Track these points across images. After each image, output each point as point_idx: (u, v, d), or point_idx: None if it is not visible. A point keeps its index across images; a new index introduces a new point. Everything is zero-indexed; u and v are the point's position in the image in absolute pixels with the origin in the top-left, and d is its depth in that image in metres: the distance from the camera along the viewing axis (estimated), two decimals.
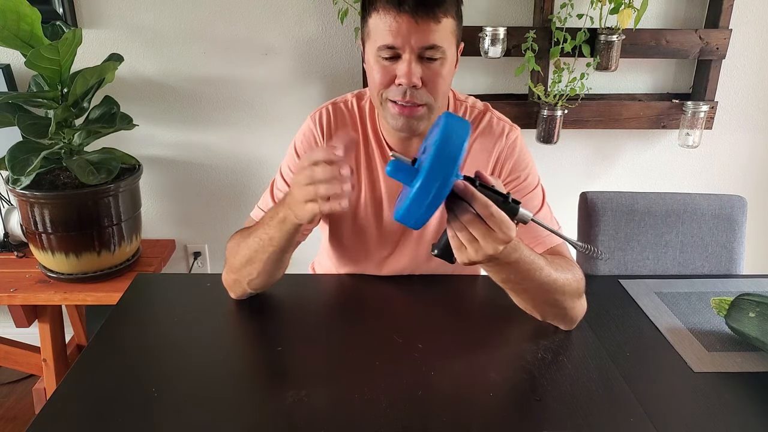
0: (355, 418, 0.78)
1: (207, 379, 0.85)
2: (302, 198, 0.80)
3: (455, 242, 0.76)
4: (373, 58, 0.93)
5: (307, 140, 1.09)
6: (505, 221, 0.73)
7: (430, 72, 0.91)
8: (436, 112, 0.97)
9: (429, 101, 0.94)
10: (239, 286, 1.02)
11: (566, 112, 1.82)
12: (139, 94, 1.86)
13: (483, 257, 0.75)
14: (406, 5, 0.86)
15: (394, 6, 0.87)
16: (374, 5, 0.90)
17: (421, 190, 0.68)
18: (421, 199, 0.69)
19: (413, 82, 0.90)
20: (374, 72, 0.94)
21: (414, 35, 0.88)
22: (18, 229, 1.75)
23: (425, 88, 0.92)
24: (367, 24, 0.94)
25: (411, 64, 0.90)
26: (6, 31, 1.35)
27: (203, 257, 2.08)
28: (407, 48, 0.89)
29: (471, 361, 0.91)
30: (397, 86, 0.93)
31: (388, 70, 0.92)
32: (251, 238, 0.94)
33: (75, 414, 0.78)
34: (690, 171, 2.04)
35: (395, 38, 0.88)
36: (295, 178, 0.81)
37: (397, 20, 0.88)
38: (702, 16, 1.85)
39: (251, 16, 1.78)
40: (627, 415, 0.80)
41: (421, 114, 0.95)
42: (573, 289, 0.92)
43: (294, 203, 0.83)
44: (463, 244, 0.75)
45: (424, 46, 0.89)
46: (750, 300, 0.98)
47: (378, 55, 0.92)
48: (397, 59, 0.91)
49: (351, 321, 1.01)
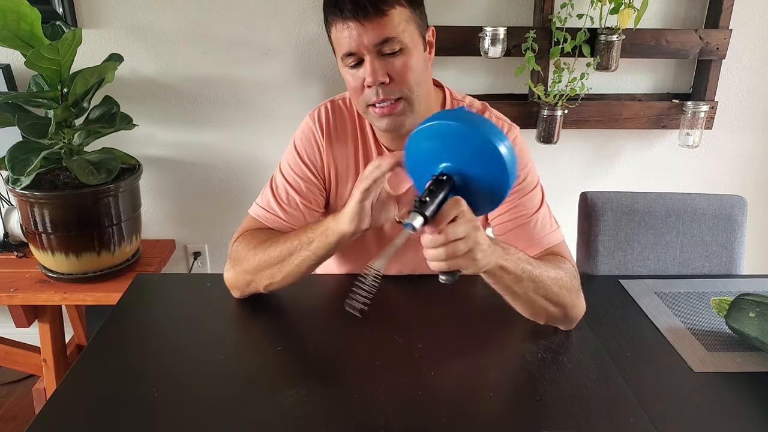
0: (355, 418, 0.78)
1: (207, 379, 0.85)
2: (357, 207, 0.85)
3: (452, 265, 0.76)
4: (343, 69, 0.96)
5: (307, 138, 1.09)
6: (450, 204, 0.73)
7: (394, 66, 0.92)
8: (417, 104, 0.96)
9: (404, 94, 0.94)
10: (253, 287, 1.01)
11: (566, 112, 1.82)
12: (139, 94, 1.86)
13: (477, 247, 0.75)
14: (346, 10, 0.89)
15: (338, 15, 0.90)
16: (327, 20, 0.94)
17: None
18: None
19: (378, 80, 0.92)
20: (348, 81, 0.97)
21: (363, 35, 0.89)
22: (18, 229, 1.75)
23: (394, 82, 0.93)
24: (331, 39, 0.96)
25: (372, 63, 0.91)
26: (6, 31, 1.35)
27: (203, 257, 2.08)
28: (363, 49, 0.91)
29: (471, 361, 0.91)
30: (368, 88, 0.94)
31: (357, 77, 0.94)
32: (288, 241, 0.96)
33: (75, 414, 0.78)
34: (690, 171, 2.04)
35: (350, 44, 0.91)
36: (356, 192, 0.85)
37: (347, 26, 0.90)
38: (702, 16, 1.85)
39: (251, 16, 1.78)
40: (627, 415, 0.80)
41: (401, 109, 0.95)
42: (568, 285, 0.92)
43: (350, 209, 0.86)
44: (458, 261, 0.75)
45: (377, 43, 0.90)
46: (750, 300, 0.98)
47: (345, 65, 0.95)
48: (362, 63, 0.93)
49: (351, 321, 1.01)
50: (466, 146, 0.72)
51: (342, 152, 1.09)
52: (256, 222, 1.08)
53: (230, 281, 1.03)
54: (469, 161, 0.73)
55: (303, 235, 0.95)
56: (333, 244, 0.92)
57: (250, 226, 1.07)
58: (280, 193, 1.07)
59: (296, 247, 0.94)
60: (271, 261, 0.96)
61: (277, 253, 0.96)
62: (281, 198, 1.07)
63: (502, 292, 0.90)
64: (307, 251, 0.94)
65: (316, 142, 1.08)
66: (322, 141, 1.08)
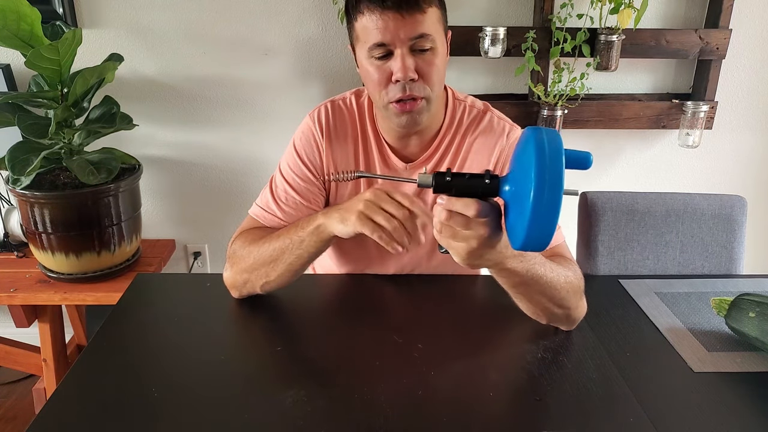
0: (355, 418, 0.78)
1: (207, 379, 0.85)
2: (359, 209, 0.84)
3: (443, 242, 0.76)
4: (367, 60, 0.94)
5: (306, 138, 1.09)
6: (466, 202, 0.71)
7: (423, 63, 0.92)
8: (434, 104, 0.98)
9: (427, 93, 0.95)
10: (249, 287, 1.01)
11: (566, 112, 1.82)
12: (139, 94, 1.86)
13: (468, 251, 0.73)
14: (389, 1, 0.88)
15: (377, 4, 0.88)
16: (358, 8, 0.92)
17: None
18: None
19: (409, 76, 0.91)
20: (370, 74, 0.95)
21: (402, 29, 0.89)
22: (18, 229, 1.75)
23: (421, 80, 0.93)
24: (354, 28, 0.95)
25: (404, 58, 0.91)
26: (6, 31, 1.35)
27: (203, 257, 2.08)
28: (398, 42, 0.90)
29: (471, 361, 0.90)
30: (394, 83, 0.93)
31: (383, 69, 0.93)
32: (279, 239, 0.95)
33: (75, 414, 0.78)
34: (690, 171, 2.04)
35: (384, 35, 0.89)
36: (367, 194, 0.84)
37: (383, 17, 0.89)
38: (702, 16, 1.85)
39: (251, 16, 1.78)
40: (627, 415, 0.80)
41: (421, 107, 0.96)
42: (575, 287, 0.92)
43: (347, 210, 0.86)
44: (451, 244, 0.75)
45: (413, 37, 0.90)
46: (750, 300, 0.98)
47: (371, 56, 0.93)
48: (389, 56, 0.92)
49: (351, 321, 1.01)
50: (527, 183, 0.65)
51: (342, 152, 1.09)
52: (255, 222, 1.08)
53: (228, 281, 1.03)
54: (518, 192, 0.68)
55: (294, 234, 0.94)
56: (326, 242, 0.92)
57: (249, 226, 1.07)
58: (279, 194, 1.07)
59: (288, 245, 0.94)
60: (265, 259, 0.96)
61: (270, 251, 0.96)
62: (280, 198, 1.07)
63: (508, 290, 0.90)
64: (299, 249, 0.94)
65: (316, 143, 1.08)
66: (321, 141, 1.08)
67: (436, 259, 1.15)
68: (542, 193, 0.63)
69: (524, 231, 0.65)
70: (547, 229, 0.64)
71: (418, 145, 1.07)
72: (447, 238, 0.74)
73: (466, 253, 0.74)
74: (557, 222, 0.64)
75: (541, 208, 0.63)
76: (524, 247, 0.67)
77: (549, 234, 0.65)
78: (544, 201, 0.63)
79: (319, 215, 0.92)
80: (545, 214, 0.63)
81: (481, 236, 0.72)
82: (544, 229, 0.64)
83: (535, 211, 0.63)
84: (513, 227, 0.69)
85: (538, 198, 0.63)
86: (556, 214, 0.63)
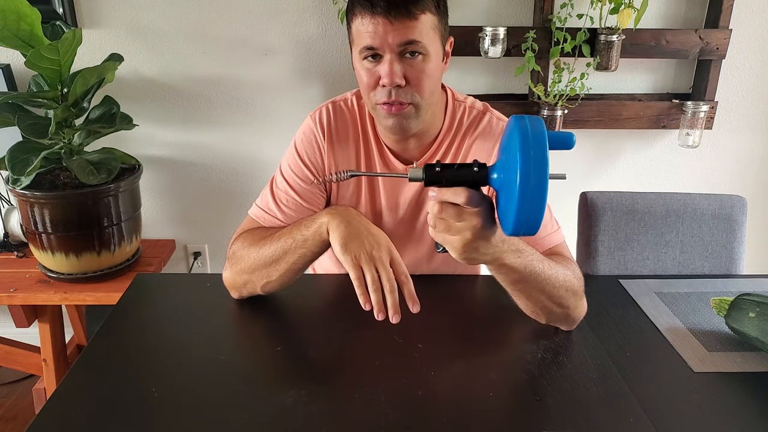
0: (355, 418, 0.78)
1: (207, 379, 0.85)
2: (360, 251, 0.84)
3: (438, 237, 0.76)
4: (359, 62, 0.96)
5: (308, 139, 1.09)
6: (455, 190, 0.72)
7: (412, 69, 0.92)
8: (424, 111, 0.97)
9: (415, 100, 0.94)
10: (250, 287, 1.01)
11: (566, 112, 1.82)
12: (139, 94, 1.86)
13: (464, 243, 0.74)
14: (379, 6, 0.88)
15: (368, 9, 0.89)
16: (353, 10, 0.93)
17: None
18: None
19: (395, 82, 0.91)
20: (361, 75, 0.96)
21: (390, 34, 0.89)
22: (18, 229, 1.75)
23: (409, 86, 0.93)
24: (351, 29, 0.96)
25: (392, 64, 0.91)
26: (6, 31, 1.35)
27: (203, 257, 2.08)
28: (386, 47, 0.90)
29: (471, 361, 0.90)
30: (381, 87, 0.93)
31: (373, 72, 0.94)
32: (281, 239, 0.94)
33: (75, 414, 0.78)
34: (690, 171, 2.05)
35: (374, 39, 0.90)
36: (378, 240, 0.85)
37: (373, 22, 0.89)
38: (702, 16, 1.85)
39: (251, 16, 1.78)
40: (627, 415, 0.80)
41: (408, 112, 0.95)
42: (575, 286, 0.92)
43: (351, 235, 0.85)
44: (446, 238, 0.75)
45: (401, 43, 0.90)
46: (750, 300, 0.98)
47: (362, 58, 0.94)
48: (379, 60, 0.93)
49: (351, 321, 1.01)
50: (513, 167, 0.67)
51: (343, 153, 1.08)
52: (255, 223, 1.07)
53: (228, 281, 1.03)
54: (506, 178, 0.69)
55: (297, 233, 0.93)
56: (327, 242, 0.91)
57: (248, 226, 1.07)
58: (280, 195, 1.07)
59: (291, 245, 0.93)
60: (266, 260, 0.96)
61: (271, 252, 0.95)
62: (280, 200, 1.07)
63: (507, 288, 0.90)
64: (302, 248, 0.93)
65: (317, 144, 1.08)
66: (323, 142, 1.08)
67: (436, 260, 1.15)
68: (528, 174, 0.64)
69: (514, 214, 0.66)
70: (537, 210, 0.66)
71: (418, 147, 1.07)
72: (442, 232, 0.74)
73: (461, 246, 0.74)
74: (545, 203, 0.66)
75: (528, 188, 0.65)
76: (516, 231, 0.68)
77: (539, 216, 0.66)
78: (531, 181, 0.64)
79: (322, 213, 0.91)
80: (533, 195, 0.65)
81: (474, 227, 0.72)
82: (533, 211, 0.66)
83: (522, 192, 0.65)
84: (504, 213, 0.70)
85: (524, 179, 0.64)
86: (543, 194, 0.65)
